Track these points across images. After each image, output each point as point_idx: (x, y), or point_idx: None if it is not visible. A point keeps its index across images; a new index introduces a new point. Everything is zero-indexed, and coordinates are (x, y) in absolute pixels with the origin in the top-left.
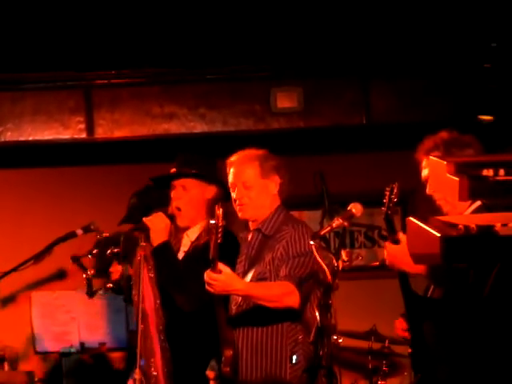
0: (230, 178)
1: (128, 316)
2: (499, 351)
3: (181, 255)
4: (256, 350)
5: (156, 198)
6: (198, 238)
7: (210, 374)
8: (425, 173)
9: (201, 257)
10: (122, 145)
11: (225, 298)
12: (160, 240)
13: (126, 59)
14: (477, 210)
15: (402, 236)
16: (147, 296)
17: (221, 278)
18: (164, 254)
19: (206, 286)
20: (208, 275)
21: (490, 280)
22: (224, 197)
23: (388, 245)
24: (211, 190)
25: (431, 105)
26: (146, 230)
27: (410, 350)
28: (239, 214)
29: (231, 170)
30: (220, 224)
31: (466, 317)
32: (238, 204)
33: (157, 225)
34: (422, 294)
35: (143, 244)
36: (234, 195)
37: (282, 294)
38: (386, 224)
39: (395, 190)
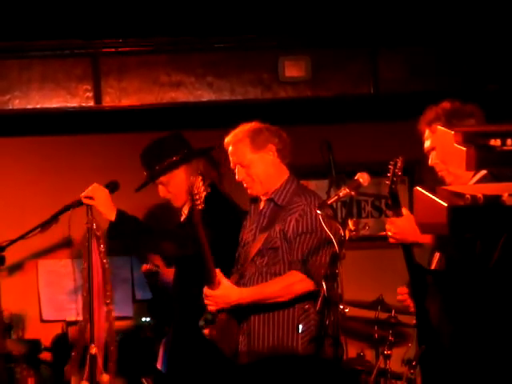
0: (230, 161)
1: (134, 286)
2: (504, 321)
3: None
4: (264, 318)
5: None
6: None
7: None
8: (427, 144)
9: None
10: (129, 113)
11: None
12: (112, 211)
13: (133, 27)
14: (481, 180)
15: (404, 210)
16: (96, 269)
17: (218, 294)
18: (125, 221)
19: (208, 307)
20: (205, 292)
21: (497, 250)
22: (202, 164)
23: (392, 220)
24: (182, 172)
25: (439, 74)
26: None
27: (414, 322)
28: (248, 192)
29: (228, 151)
30: (195, 192)
31: (471, 287)
32: (244, 184)
33: (100, 198)
34: (426, 265)
35: (90, 217)
36: (237, 176)
37: (290, 284)
38: (391, 198)
39: (399, 164)
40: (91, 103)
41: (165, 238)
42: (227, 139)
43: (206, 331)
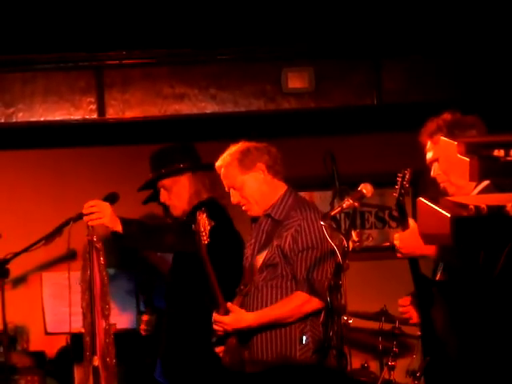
0: (224, 184)
1: (138, 298)
2: (510, 332)
3: None
4: (267, 331)
5: None
6: None
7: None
8: (429, 155)
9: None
10: (133, 125)
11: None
12: (118, 223)
13: (137, 39)
14: (483, 191)
15: (411, 221)
16: (95, 282)
17: (227, 320)
18: (132, 229)
19: (217, 331)
20: (215, 318)
21: (501, 260)
22: (205, 175)
23: (399, 235)
24: (186, 179)
25: (442, 85)
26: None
27: (419, 333)
28: (248, 214)
29: (221, 175)
30: (202, 230)
31: (475, 297)
32: (241, 206)
33: (106, 215)
34: (430, 276)
35: (90, 229)
36: (232, 200)
37: (298, 306)
38: (398, 210)
39: (407, 176)
40: (95, 115)
41: (167, 231)
42: (217, 163)
43: (217, 349)
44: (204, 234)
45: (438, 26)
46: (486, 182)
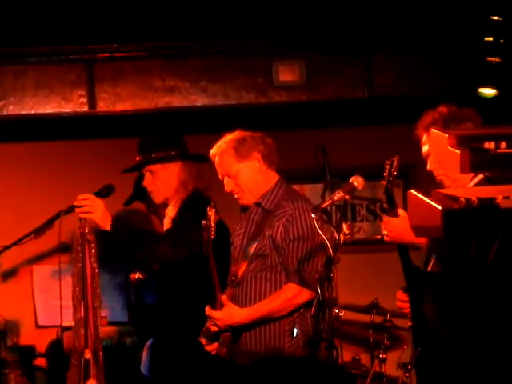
0: (218, 172)
1: (129, 291)
2: (500, 323)
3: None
4: (256, 324)
5: None
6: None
7: (203, 340)
8: (425, 148)
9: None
10: (123, 118)
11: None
12: (108, 221)
13: (127, 33)
14: (479, 184)
15: (400, 211)
16: (86, 274)
17: (219, 315)
18: (120, 229)
19: (210, 327)
20: (208, 313)
21: (492, 253)
22: (194, 167)
23: (388, 219)
24: (176, 167)
25: (433, 79)
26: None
27: (410, 324)
28: (240, 202)
29: (215, 163)
30: (212, 225)
31: (466, 289)
32: (234, 194)
33: (97, 211)
34: (422, 267)
35: (82, 221)
36: (225, 187)
37: (289, 299)
38: (386, 197)
39: (395, 164)
40: (85, 108)
41: (161, 242)
42: (212, 151)
43: (209, 347)
44: (213, 229)
45: (429, 21)
46: (480, 176)
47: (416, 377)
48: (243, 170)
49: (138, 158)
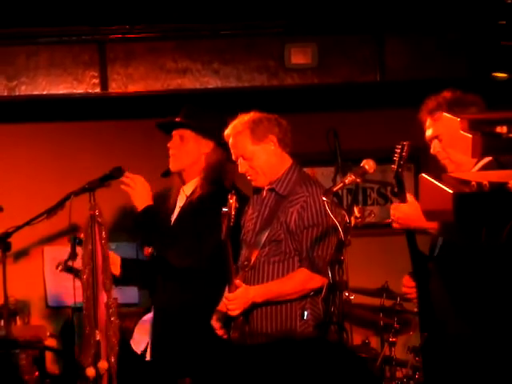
0: (232, 153)
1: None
2: (509, 309)
3: (177, 210)
4: (267, 307)
5: None
6: (193, 192)
7: (215, 325)
8: (429, 132)
9: (194, 210)
10: (135, 99)
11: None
12: (145, 203)
13: (140, 14)
14: (484, 168)
15: (409, 196)
16: (97, 256)
17: (237, 295)
18: (149, 217)
19: (228, 311)
20: (227, 297)
21: (503, 237)
22: (225, 157)
23: (396, 205)
24: (208, 145)
25: (445, 62)
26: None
27: (416, 309)
28: (252, 184)
29: (229, 144)
30: (232, 212)
31: (476, 274)
32: (247, 176)
33: (140, 187)
34: (429, 253)
35: (93, 203)
36: (239, 168)
37: (301, 283)
38: (396, 182)
39: (406, 148)
40: (98, 89)
41: (173, 246)
42: (227, 131)
43: (220, 332)
44: (233, 216)
45: (443, 3)
46: (487, 159)
47: (422, 362)
48: (258, 152)
49: (177, 119)
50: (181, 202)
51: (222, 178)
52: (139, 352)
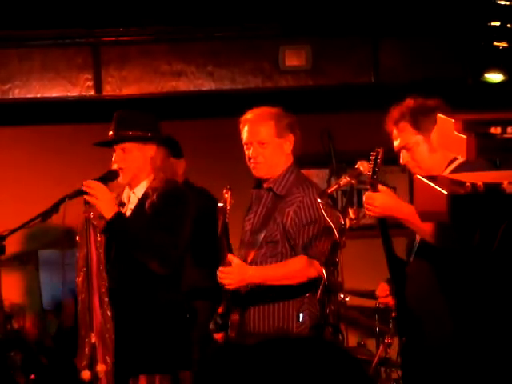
0: (245, 136)
1: None
2: (503, 311)
3: (128, 212)
4: (264, 306)
5: None
6: (145, 195)
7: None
8: (396, 143)
9: (160, 209)
10: (130, 102)
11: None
12: (113, 210)
13: (134, 16)
14: (456, 169)
15: (381, 186)
16: (92, 259)
17: (233, 270)
18: (121, 224)
19: (223, 285)
20: (221, 271)
21: (497, 238)
22: (168, 153)
23: (371, 194)
24: (151, 148)
25: (439, 63)
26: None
27: (393, 314)
28: (253, 172)
29: (246, 127)
30: (228, 207)
31: (470, 277)
32: (253, 162)
33: (103, 194)
34: (406, 257)
35: (87, 206)
36: (248, 153)
37: (300, 268)
38: (371, 188)
39: (380, 155)
40: (92, 92)
41: (152, 255)
42: (248, 116)
43: (217, 336)
44: (228, 211)
45: (436, 5)
46: (458, 161)
47: (400, 366)
48: (277, 145)
49: (111, 133)
50: (132, 204)
51: (173, 174)
52: None
